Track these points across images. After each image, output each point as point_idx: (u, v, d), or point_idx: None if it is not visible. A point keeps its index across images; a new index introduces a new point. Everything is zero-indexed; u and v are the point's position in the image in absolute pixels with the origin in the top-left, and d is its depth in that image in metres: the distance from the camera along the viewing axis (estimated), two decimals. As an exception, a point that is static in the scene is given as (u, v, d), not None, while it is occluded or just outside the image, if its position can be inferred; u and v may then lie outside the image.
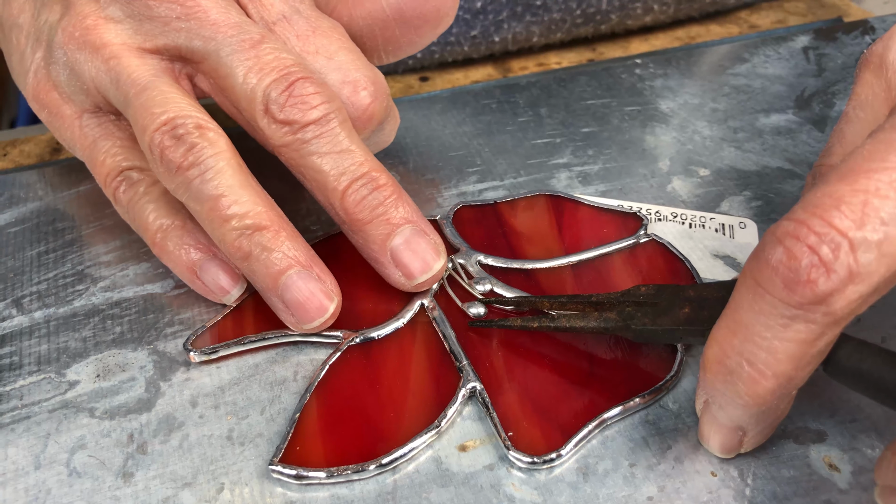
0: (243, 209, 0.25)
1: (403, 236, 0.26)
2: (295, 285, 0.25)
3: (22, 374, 0.26)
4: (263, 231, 0.25)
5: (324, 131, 0.25)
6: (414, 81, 0.39)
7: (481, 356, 0.26)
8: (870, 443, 0.23)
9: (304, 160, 0.26)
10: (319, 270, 0.25)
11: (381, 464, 0.23)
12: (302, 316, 0.25)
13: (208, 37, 0.26)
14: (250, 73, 0.25)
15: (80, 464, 0.23)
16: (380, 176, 0.26)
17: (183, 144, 0.24)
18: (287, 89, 0.25)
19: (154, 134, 0.25)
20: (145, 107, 0.25)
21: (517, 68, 0.40)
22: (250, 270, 0.25)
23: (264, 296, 0.26)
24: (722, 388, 0.21)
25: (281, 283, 0.25)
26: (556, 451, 0.23)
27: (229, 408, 0.25)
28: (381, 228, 0.26)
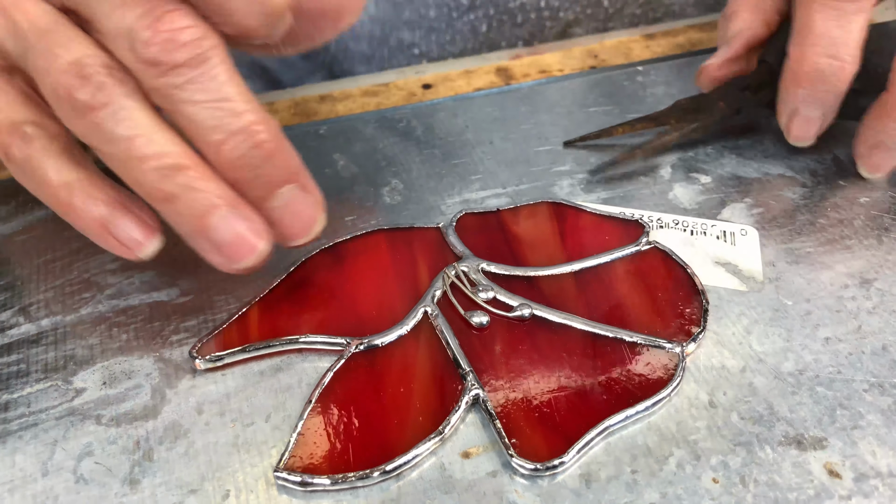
0: (162, 148, 0.23)
1: (283, 198, 0.25)
2: (224, 225, 0.24)
3: (29, 382, 0.26)
4: (185, 170, 0.23)
5: (196, 75, 0.23)
6: (417, 89, 0.40)
7: (484, 363, 0.26)
8: (871, 449, 0.24)
9: (175, 107, 0.23)
10: (245, 209, 0.24)
11: (384, 471, 0.23)
12: (233, 256, 0.24)
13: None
14: (116, 10, 0.23)
15: (87, 471, 0.24)
16: (260, 130, 0.24)
17: (91, 84, 0.23)
18: (153, 24, 0.23)
19: (60, 75, 0.23)
20: (49, 48, 0.23)
21: (519, 76, 0.41)
22: (175, 213, 0.24)
23: (190, 240, 0.24)
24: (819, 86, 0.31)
25: (209, 223, 0.24)
26: (558, 457, 0.23)
27: (235, 415, 0.25)
28: (258, 190, 0.25)
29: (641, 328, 0.27)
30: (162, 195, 0.23)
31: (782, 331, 0.27)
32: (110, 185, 0.25)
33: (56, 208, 0.25)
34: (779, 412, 0.25)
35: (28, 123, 0.25)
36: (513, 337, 0.27)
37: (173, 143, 0.23)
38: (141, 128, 0.23)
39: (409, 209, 0.32)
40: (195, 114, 0.23)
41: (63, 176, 0.25)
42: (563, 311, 0.27)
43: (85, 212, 0.25)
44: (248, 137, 0.24)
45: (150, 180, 0.23)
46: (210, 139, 0.23)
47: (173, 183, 0.23)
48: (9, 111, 0.25)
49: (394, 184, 0.33)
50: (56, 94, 0.23)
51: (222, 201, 0.24)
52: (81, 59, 0.23)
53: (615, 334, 0.26)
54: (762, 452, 0.23)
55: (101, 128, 0.23)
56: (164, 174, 0.23)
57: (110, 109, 0.23)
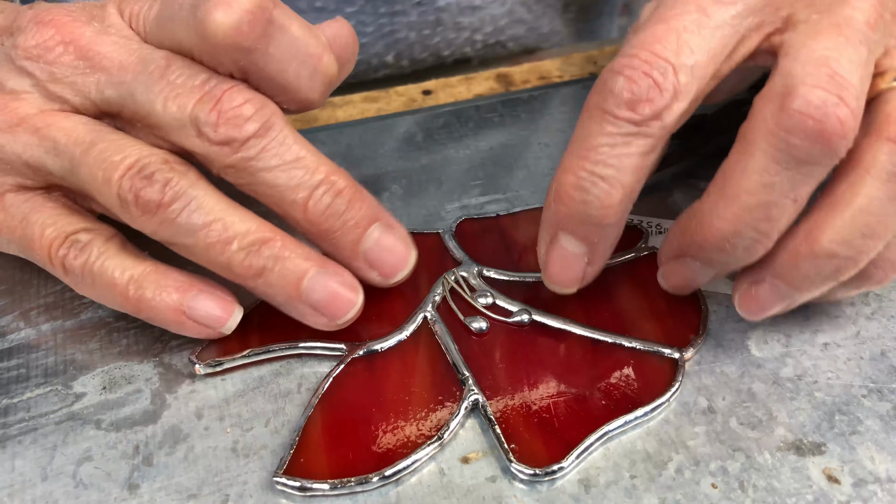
0: (241, 228, 0.24)
1: (373, 238, 0.26)
2: (318, 285, 0.24)
3: (29, 387, 0.26)
4: (269, 243, 0.24)
5: (267, 143, 0.24)
6: (417, 95, 0.40)
7: (484, 368, 0.26)
8: (869, 455, 0.24)
9: (254, 177, 0.25)
10: (333, 266, 0.25)
11: (384, 476, 0.23)
12: (334, 313, 0.25)
13: (118, 82, 0.25)
14: (169, 102, 0.24)
15: (87, 475, 0.24)
16: (337, 179, 0.25)
17: (157, 182, 0.24)
18: (215, 107, 0.24)
19: (122, 181, 0.24)
20: (102, 158, 0.24)
21: (519, 82, 0.41)
22: (266, 285, 0.24)
23: (288, 307, 0.25)
24: (576, 211, 0.24)
25: (304, 287, 0.24)
26: (558, 463, 0.23)
27: (234, 420, 0.25)
28: (350, 235, 0.25)
29: (640, 334, 0.27)
30: (252, 272, 0.24)
31: (781, 336, 0.27)
32: (176, 271, 0.25)
33: (126, 307, 0.25)
34: (777, 417, 0.25)
35: (80, 231, 0.26)
36: (512, 342, 0.27)
37: (249, 219, 0.24)
38: (215, 212, 0.24)
39: (408, 214, 0.32)
40: (275, 178, 0.24)
41: (127, 273, 0.25)
42: (562, 317, 0.27)
43: (158, 302, 0.25)
44: (329, 188, 0.25)
45: (237, 261, 0.24)
46: (295, 198, 0.25)
47: (261, 257, 0.24)
48: (58, 224, 0.26)
49: (394, 189, 0.34)
50: (122, 199, 0.24)
51: (311, 263, 0.25)
52: (140, 160, 0.24)
53: (614, 340, 0.26)
54: (761, 458, 0.24)
55: (175, 222, 0.24)
56: (251, 251, 0.24)
57: (182, 202, 0.24)
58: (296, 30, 0.25)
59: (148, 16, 0.26)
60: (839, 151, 0.22)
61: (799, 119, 0.21)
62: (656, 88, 0.23)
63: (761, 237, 0.23)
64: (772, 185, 0.22)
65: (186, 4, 0.24)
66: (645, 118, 0.23)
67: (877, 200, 0.23)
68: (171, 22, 0.25)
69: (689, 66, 0.23)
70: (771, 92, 0.22)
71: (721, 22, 0.23)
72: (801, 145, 0.22)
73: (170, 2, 0.25)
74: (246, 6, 0.23)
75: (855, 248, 0.23)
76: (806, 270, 0.24)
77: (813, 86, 0.22)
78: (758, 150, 0.22)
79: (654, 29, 0.23)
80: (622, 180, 0.23)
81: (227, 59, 0.24)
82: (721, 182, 0.24)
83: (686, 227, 0.25)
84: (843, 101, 0.21)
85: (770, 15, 0.24)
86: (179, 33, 0.25)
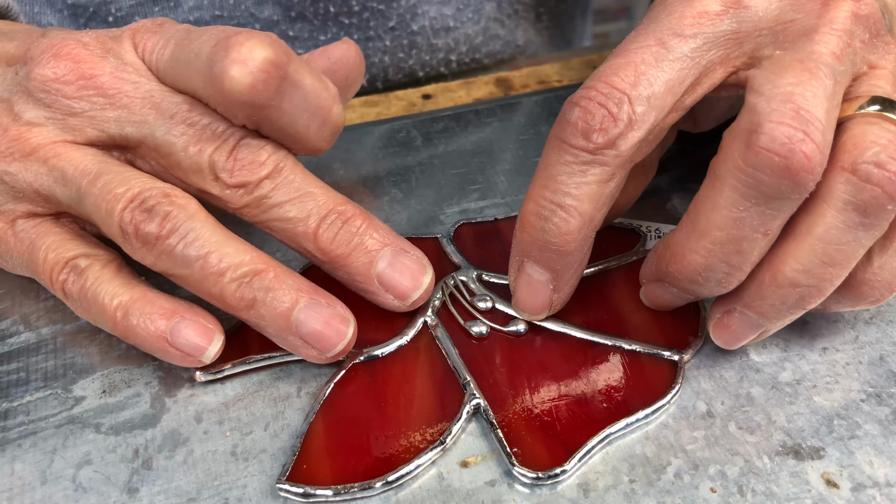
0: (235, 259, 0.24)
1: (386, 260, 0.26)
2: (309, 317, 0.25)
3: (29, 390, 0.26)
4: (262, 274, 0.25)
5: (279, 182, 0.26)
6: (417, 99, 0.40)
7: (484, 373, 0.26)
8: (868, 459, 0.24)
9: (267, 214, 0.26)
10: (325, 297, 0.25)
11: (387, 481, 0.23)
12: (324, 345, 0.25)
13: (140, 121, 0.26)
14: (190, 147, 0.26)
15: (86, 479, 0.24)
16: (346, 209, 0.26)
17: (157, 215, 0.24)
18: (231, 154, 0.26)
19: (124, 213, 0.24)
20: (106, 190, 0.25)
21: (519, 86, 0.41)
22: (258, 316, 0.25)
23: (279, 339, 0.25)
24: (538, 238, 0.25)
25: (294, 319, 0.24)
26: (560, 466, 0.23)
27: (233, 423, 0.25)
28: (361, 259, 0.26)
29: (640, 336, 0.27)
30: (244, 303, 0.25)
31: (780, 340, 0.27)
32: (165, 298, 0.26)
33: (115, 331, 0.26)
34: (776, 422, 0.25)
35: (80, 257, 0.26)
36: (512, 346, 0.27)
37: (244, 251, 0.25)
38: (210, 244, 0.24)
39: (408, 218, 0.32)
40: (286, 212, 0.26)
41: (117, 299, 0.25)
42: (561, 320, 0.27)
43: (143, 329, 0.25)
44: (338, 216, 0.26)
45: (229, 292, 0.24)
46: (306, 228, 0.26)
47: (252, 288, 0.25)
48: (60, 250, 0.27)
49: (393, 193, 0.34)
50: (123, 231, 0.25)
51: (302, 294, 0.25)
52: (142, 194, 0.25)
53: (614, 342, 0.27)
54: (760, 462, 0.24)
55: (172, 254, 0.24)
56: (242, 282, 0.25)
57: (178, 235, 0.24)
58: (308, 84, 0.26)
59: (162, 55, 0.27)
60: (807, 186, 0.22)
61: (765, 156, 0.22)
62: (610, 118, 0.23)
63: (733, 270, 0.24)
64: (741, 220, 0.23)
65: (203, 54, 0.25)
66: (598, 147, 0.23)
67: (834, 229, 0.23)
68: (187, 68, 0.26)
69: (646, 97, 0.23)
70: (738, 128, 0.22)
71: (680, 55, 0.24)
72: (768, 181, 0.22)
73: (184, 44, 0.26)
74: (261, 65, 0.24)
75: (817, 277, 0.23)
76: (771, 300, 0.24)
77: (778, 122, 0.22)
78: (726, 185, 0.23)
79: (614, 62, 0.24)
80: (580, 208, 0.24)
81: (241, 113, 0.25)
82: (693, 216, 0.24)
83: (661, 257, 0.25)
84: (809, 136, 0.21)
85: (734, 49, 0.24)
86: (195, 81, 0.25)
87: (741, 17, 0.24)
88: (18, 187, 0.27)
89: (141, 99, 0.26)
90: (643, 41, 0.24)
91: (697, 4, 0.24)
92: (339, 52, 0.30)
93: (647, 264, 0.27)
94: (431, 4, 0.44)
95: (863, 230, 0.23)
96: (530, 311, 0.27)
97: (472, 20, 0.46)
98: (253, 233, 0.28)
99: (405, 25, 0.44)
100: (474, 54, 0.48)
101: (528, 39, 0.50)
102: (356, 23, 0.43)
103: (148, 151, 0.27)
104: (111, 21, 0.40)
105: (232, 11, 0.41)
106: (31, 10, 0.39)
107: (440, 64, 0.47)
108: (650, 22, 0.25)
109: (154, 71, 0.27)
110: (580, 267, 0.26)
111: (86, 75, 0.26)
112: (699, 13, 0.24)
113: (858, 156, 0.22)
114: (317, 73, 0.26)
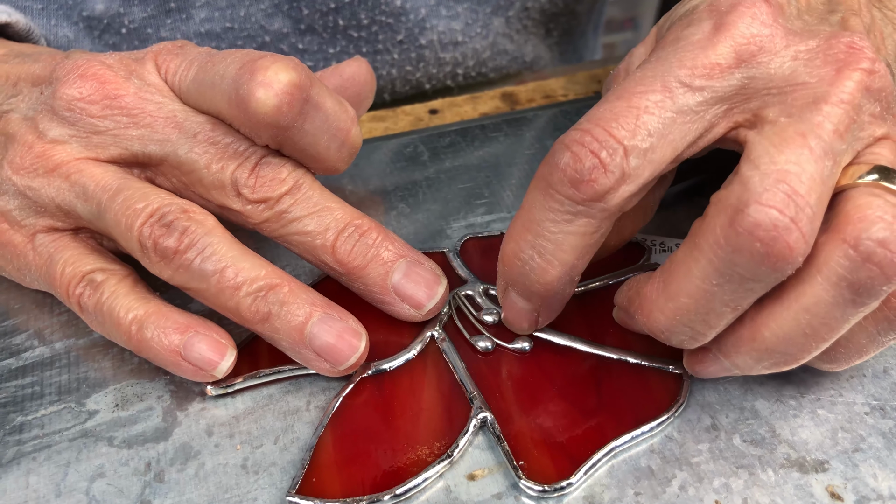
0: (251, 274, 0.25)
1: (401, 271, 0.27)
2: (322, 331, 0.25)
3: (43, 404, 0.27)
4: (276, 289, 0.25)
5: (298, 197, 0.27)
6: (424, 114, 0.40)
7: (491, 386, 0.26)
8: (872, 472, 0.24)
9: (287, 228, 0.27)
10: (338, 312, 0.26)
11: (395, 494, 0.23)
12: (336, 359, 0.25)
13: (162, 140, 0.27)
14: (213, 164, 0.27)
15: (100, 492, 0.24)
16: (362, 222, 0.27)
17: (175, 230, 0.25)
18: (253, 172, 0.27)
19: (143, 228, 0.25)
20: (126, 206, 0.25)
21: (524, 101, 0.41)
22: (272, 330, 0.25)
23: (292, 352, 0.26)
24: (518, 278, 0.25)
25: (307, 332, 0.25)
26: (566, 479, 0.23)
27: (244, 437, 0.25)
28: (378, 269, 0.27)
29: (645, 350, 0.27)
30: (259, 317, 0.25)
31: (784, 354, 0.27)
32: (179, 312, 0.26)
33: (130, 345, 0.26)
34: (781, 435, 0.25)
35: (96, 271, 0.27)
36: (518, 360, 0.27)
37: (260, 266, 0.25)
38: (227, 259, 0.25)
39: (414, 233, 0.33)
40: (305, 226, 0.27)
41: (132, 313, 0.26)
42: (566, 334, 0.27)
43: (156, 343, 0.25)
44: (355, 230, 0.27)
45: (245, 305, 0.25)
46: (324, 241, 0.27)
47: (267, 302, 0.25)
48: (77, 264, 0.27)
49: (400, 208, 0.34)
50: (142, 246, 0.25)
51: (316, 308, 0.25)
52: (161, 209, 0.25)
53: (619, 356, 0.27)
54: (764, 475, 0.24)
55: (190, 268, 0.25)
56: (258, 296, 0.25)
57: (196, 250, 0.25)
58: (329, 106, 0.27)
59: (185, 76, 0.27)
60: (785, 273, 0.21)
61: (746, 239, 0.20)
62: (601, 169, 0.22)
63: (697, 335, 0.23)
64: (712, 293, 0.22)
65: (228, 76, 0.26)
66: (586, 198, 0.22)
67: (823, 303, 0.21)
68: (211, 89, 0.26)
69: (643, 150, 0.22)
70: (725, 201, 0.21)
71: (685, 107, 0.22)
72: (745, 264, 0.21)
73: (208, 67, 0.27)
74: (286, 87, 0.25)
75: (796, 346, 0.22)
76: (746, 356, 0.23)
77: (766, 205, 0.20)
78: (703, 256, 0.21)
79: (615, 105, 0.22)
80: (560, 257, 0.23)
81: (264, 134, 0.26)
82: (666, 275, 0.23)
83: (632, 301, 0.25)
84: (796, 224, 0.20)
85: (739, 104, 0.23)
86: (219, 102, 0.26)
87: (752, 72, 0.22)
88: (41, 202, 0.27)
89: (164, 119, 0.27)
90: (649, 85, 0.22)
91: (711, 53, 0.22)
92: (351, 70, 0.31)
93: (619, 295, 0.26)
94: (440, 19, 0.45)
95: (852, 308, 0.21)
96: (517, 329, 0.27)
97: (481, 35, 0.47)
98: (264, 248, 0.28)
99: (413, 39, 0.45)
100: (481, 68, 0.49)
101: (536, 55, 0.51)
102: (365, 36, 0.44)
103: (169, 169, 0.27)
104: (124, 33, 0.41)
105: (242, 24, 0.42)
106: (47, 24, 0.40)
107: (447, 77, 0.48)
108: (658, 62, 0.23)
109: (177, 92, 0.28)
110: (564, 299, 0.26)
111: (110, 95, 0.27)
112: (711, 65, 0.22)
113: (862, 231, 0.21)
114: (336, 97, 0.27)
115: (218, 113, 0.27)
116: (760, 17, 0.23)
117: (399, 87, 0.47)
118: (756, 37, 0.23)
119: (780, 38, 0.23)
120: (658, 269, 0.24)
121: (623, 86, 0.23)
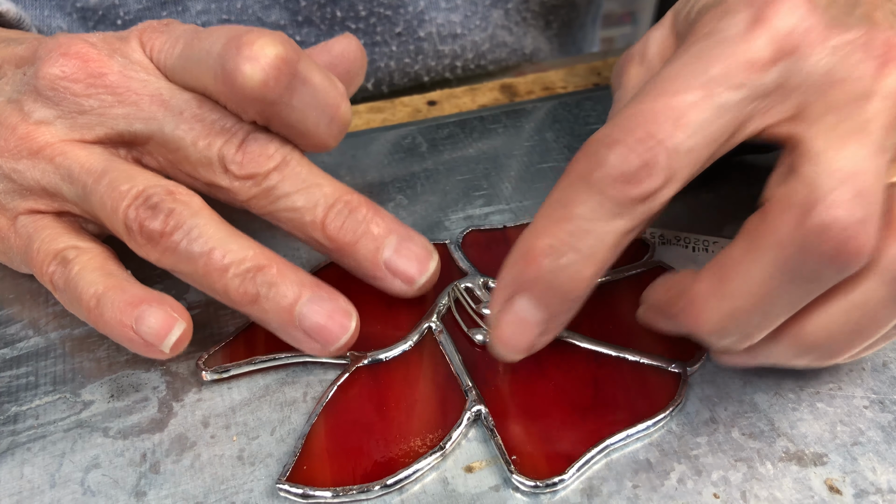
0: (238, 255, 0.25)
1: (392, 246, 0.27)
2: (311, 311, 0.24)
3: (38, 394, 0.26)
4: (264, 269, 0.25)
5: (286, 173, 0.26)
6: (422, 105, 0.40)
7: (487, 380, 0.26)
8: (871, 465, 0.24)
9: (275, 204, 0.26)
10: (328, 292, 0.25)
11: (385, 484, 0.23)
12: (326, 339, 0.25)
13: (148, 118, 0.26)
14: (199, 141, 0.26)
15: (95, 483, 0.24)
16: (352, 198, 0.27)
17: (161, 212, 0.24)
18: (240, 148, 0.26)
19: (128, 210, 0.25)
20: (111, 188, 0.25)
21: (523, 92, 0.41)
22: (262, 311, 0.25)
23: (282, 333, 0.25)
24: (544, 276, 0.22)
25: (297, 312, 0.24)
26: (558, 475, 0.23)
27: (240, 428, 0.25)
28: (368, 245, 0.27)
29: (644, 347, 0.27)
30: (247, 298, 0.25)
31: (783, 347, 0.27)
32: (138, 287, 0.25)
33: (90, 321, 0.25)
34: (779, 428, 0.25)
35: (69, 248, 0.26)
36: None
37: (248, 247, 0.25)
38: (214, 240, 0.25)
39: (413, 225, 0.32)
40: (294, 202, 0.26)
41: (93, 289, 0.25)
42: (566, 329, 0.27)
43: (111, 317, 0.25)
44: (345, 205, 0.26)
45: (233, 287, 0.25)
46: (314, 217, 0.26)
47: (255, 283, 0.25)
48: (52, 243, 0.27)
49: (398, 199, 0.34)
50: (128, 228, 0.25)
51: (305, 288, 0.25)
52: (146, 191, 0.25)
53: (618, 353, 0.27)
54: (763, 468, 0.24)
55: (177, 251, 0.25)
56: (246, 278, 0.25)
57: (182, 232, 0.24)
58: (317, 81, 0.26)
59: (171, 53, 0.27)
60: (849, 273, 0.21)
61: (817, 240, 0.20)
62: (647, 171, 0.21)
63: (747, 337, 0.23)
64: (772, 294, 0.21)
65: (214, 52, 0.25)
66: (632, 199, 0.21)
67: (873, 300, 0.21)
68: (197, 66, 0.26)
69: (685, 151, 0.21)
70: (790, 199, 0.20)
71: (725, 106, 0.22)
72: (813, 265, 0.20)
73: (194, 43, 0.26)
74: (273, 61, 0.24)
75: (839, 343, 0.22)
76: (782, 348, 0.23)
77: (837, 206, 0.20)
78: (765, 256, 0.21)
79: (653, 105, 0.22)
80: (597, 256, 0.22)
81: (251, 109, 0.26)
82: (720, 275, 0.22)
83: (673, 301, 0.24)
84: (867, 223, 0.20)
85: (778, 101, 0.22)
86: (205, 79, 0.26)
87: (790, 68, 0.22)
88: (25, 184, 0.27)
89: (149, 96, 0.27)
90: (685, 84, 0.22)
91: (749, 49, 0.22)
92: (341, 47, 0.31)
93: (653, 293, 0.25)
94: (439, 11, 0.45)
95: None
96: (510, 350, 0.24)
97: (480, 27, 0.47)
98: (254, 232, 0.28)
99: (412, 31, 0.45)
100: (480, 61, 0.48)
101: (536, 47, 0.50)
102: (363, 28, 0.44)
103: (156, 147, 0.27)
104: (119, 24, 0.41)
105: (239, 16, 0.42)
106: (40, 14, 0.40)
107: (446, 69, 0.47)
108: (694, 59, 0.22)
109: (162, 69, 0.27)
110: (573, 312, 0.24)
111: (94, 73, 0.26)
112: (748, 62, 0.22)
113: None
114: (325, 72, 0.27)
115: (204, 89, 0.26)
116: (799, 10, 0.22)
117: (397, 80, 0.47)
118: (796, 30, 0.22)
119: (820, 31, 0.22)
120: (706, 269, 0.23)
121: (659, 84, 0.22)
